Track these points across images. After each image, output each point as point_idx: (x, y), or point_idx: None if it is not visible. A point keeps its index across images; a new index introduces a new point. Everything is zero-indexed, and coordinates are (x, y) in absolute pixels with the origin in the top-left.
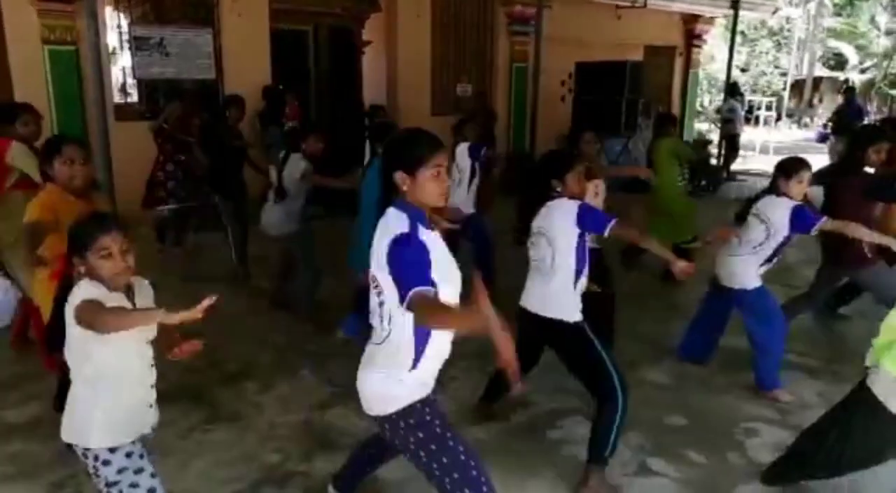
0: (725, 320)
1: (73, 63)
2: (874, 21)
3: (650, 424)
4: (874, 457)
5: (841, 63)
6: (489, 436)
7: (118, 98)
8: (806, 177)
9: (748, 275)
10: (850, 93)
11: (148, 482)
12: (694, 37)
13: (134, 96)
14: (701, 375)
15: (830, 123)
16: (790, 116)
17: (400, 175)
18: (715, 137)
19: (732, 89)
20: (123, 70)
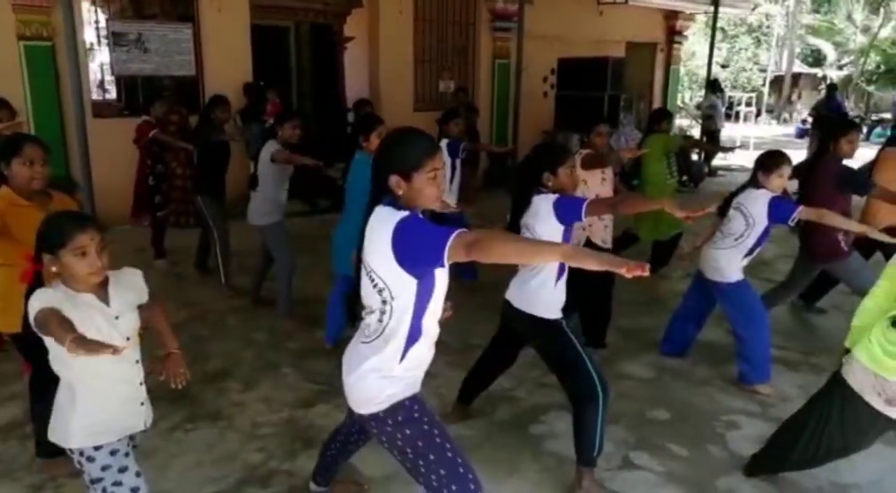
0: (707, 315)
1: (49, 59)
2: (851, 18)
3: (633, 418)
4: (851, 446)
5: (819, 59)
6: (473, 432)
7: (96, 95)
8: (786, 171)
9: (731, 268)
10: (831, 89)
11: (132, 481)
12: (675, 33)
13: (112, 93)
14: (681, 368)
15: (811, 117)
16: (770, 111)
17: (395, 179)
18: (696, 132)
19: (713, 85)
20: (101, 66)
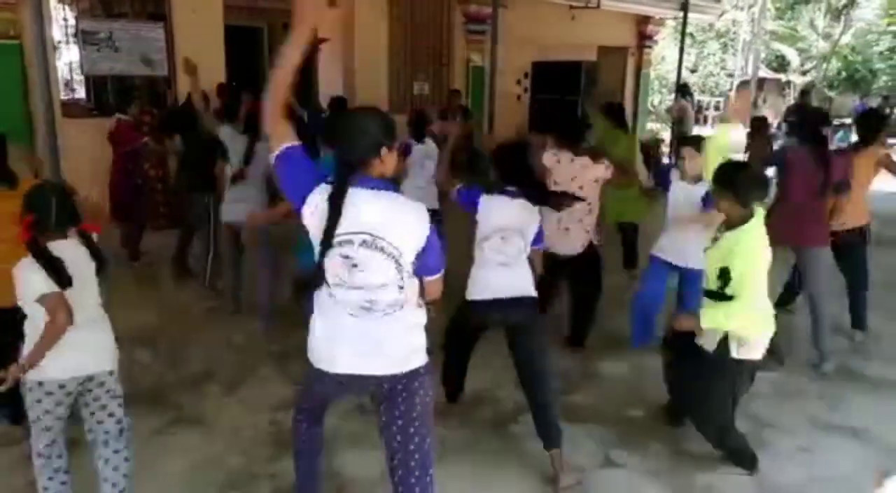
0: (663, 300)
1: (16, 58)
2: (813, 25)
3: (612, 417)
4: (729, 397)
5: (783, 65)
6: (454, 433)
7: (63, 94)
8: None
9: (700, 254)
10: (804, 95)
11: (53, 423)
12: (645, 37)
13: (80, 92)
14: (657, 366)
15: (785, 123)
16: None
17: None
18: (667, 135)
19: (683, 89)
20: (70, 65)
